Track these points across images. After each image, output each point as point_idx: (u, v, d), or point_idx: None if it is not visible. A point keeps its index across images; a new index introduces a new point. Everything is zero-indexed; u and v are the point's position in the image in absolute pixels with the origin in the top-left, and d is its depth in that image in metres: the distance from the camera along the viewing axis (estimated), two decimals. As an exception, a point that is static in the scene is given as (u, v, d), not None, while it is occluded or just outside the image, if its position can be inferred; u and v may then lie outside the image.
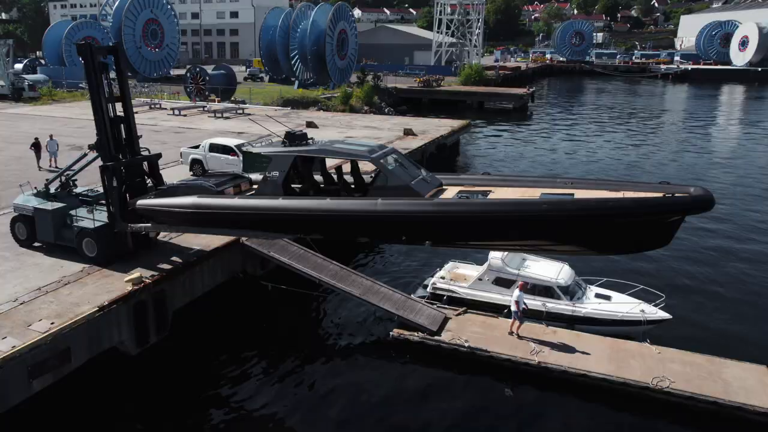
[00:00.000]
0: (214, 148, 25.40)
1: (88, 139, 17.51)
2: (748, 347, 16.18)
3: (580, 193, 11.49)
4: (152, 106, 48.56)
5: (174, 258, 16.28)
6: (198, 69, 53.63)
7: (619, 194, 11.18)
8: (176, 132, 37.91)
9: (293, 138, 13.97)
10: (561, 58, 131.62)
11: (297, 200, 13.21)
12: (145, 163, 16.13)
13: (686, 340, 16.30)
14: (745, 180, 36.50)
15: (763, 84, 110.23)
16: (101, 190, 17.35)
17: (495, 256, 17.79)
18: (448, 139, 38.43)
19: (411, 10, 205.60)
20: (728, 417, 13.37)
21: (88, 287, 14.56)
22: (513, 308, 15.80)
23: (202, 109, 46.65)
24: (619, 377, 14.31)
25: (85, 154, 16.68)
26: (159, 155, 16.74)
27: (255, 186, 15.65)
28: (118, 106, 15.84)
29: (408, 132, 37.32)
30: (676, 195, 10.55)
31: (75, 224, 15.70)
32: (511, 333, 15.92)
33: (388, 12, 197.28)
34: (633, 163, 41.39)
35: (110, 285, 14.66)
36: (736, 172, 38.90)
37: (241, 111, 45.87)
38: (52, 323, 12.72)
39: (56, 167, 25.77)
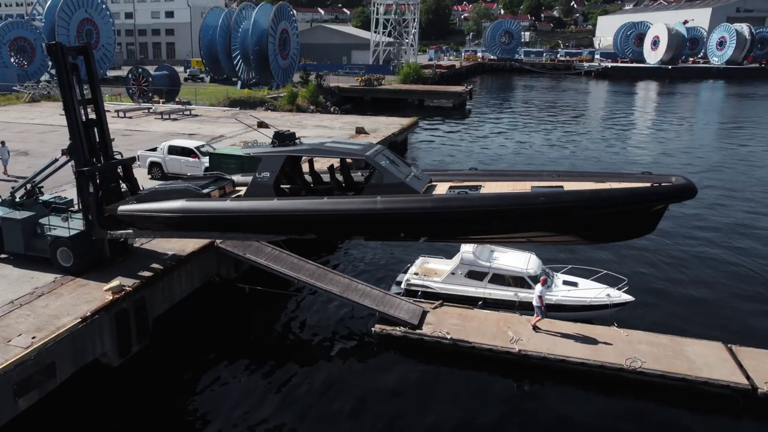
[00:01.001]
0: (174, 150, 24.45)
1: (30, 144, 16.46)
2: (704, 326, 17.11)
3: (569, 185, 11.76)
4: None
5: (150, 264, 15.58)
6: (140, 70, 51.44)
7: (605, 185, 11.51)
8: (124, 135, 36.22)
9: (282, 138, 13.56)
10: (492, 57, 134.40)
11: (293, 201, 12.86)
12: (119, 167, 15.33)
13: (649, 321, 17.09)
14: (675, 168, 38.54)
15: (674, 81, 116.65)
16: (69, 196, 16.45)
17: (467, 250, 17.99)
18: (398, 137, 38.57)
19: (345, 9, 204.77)
20: (696, 392, 14.04)
21: (64, 298, 13.72)
22: (536, 303, 15.78)
23: (147, 111, 44.79)
24: (595, 361, 14.78)
25: (56, 159, 15.68)
26: (133, 159, 15.96)
27: (238, 188, 15.13)
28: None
29: (360, 130, 37.19)
30: (663, 184, 10.97)
31: (48, 233, 14.72)
32: (536, 328, 15.88)
33: (322, 12, 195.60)
34: (574, 154, 42.92)
35: (88, 295, 13.87)
36: (664, 160, 41.03)
37: (188, 112, 44.38)
38: (33, 337, 11.93)
39: (8, 175, 24.15)
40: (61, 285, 14.41)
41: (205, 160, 24.18)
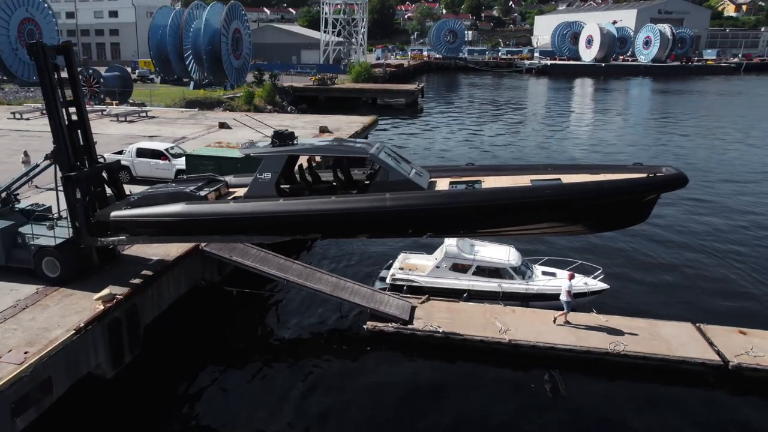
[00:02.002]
0: (143, 153, 23.43)
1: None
2: (673, 307, 17.79)
3: (566, 178, 11.91)
4: (44, 112, 43.59)
5: (136, 270, 14.83)
6: (91, 71, 49.07)
7: (600, 177, 11.72)
8: (80, 138, 34.42)
9: (282, 138, 13.06)
10: (437, 55, 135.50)
11: (300, 201, 12.43)
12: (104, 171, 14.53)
13: (623, 306, 17.63)
14: (618, 156, 39.93)
15: (608, 77, 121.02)
16: (47, 204, 15.51)
17: (450, 244, 18.05)
18: (361, 135, 38.29)
19: (291, 9, 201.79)
20: (674, 370, 14.60)
21: (51, 309, 12.89)
22: (565, 298, 15.80)
23: (101, 113, 42.78)
24: (582, 346, 15.12)
25: (37, 165, 14.70)
26: (119, 162, 15.15)
27: (232, 189, 14.56)
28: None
29: (323, 129, 36.75)
30: (658, 175, 11.27)
31: (31, 243, 13.78)
32: (567, 322, 15.93)
33: (268, 11, 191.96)
34: (527, 146, 43.84)
35: (75, 305, 13.08)
36: (607, 150, 42.50)
37: (144, 114, 42.68)
38: (26, 353, 11.15)
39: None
40: (45, 296, 13.53)
41: (177, 162, 23.38)
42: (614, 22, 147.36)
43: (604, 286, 17.65)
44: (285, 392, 13.86)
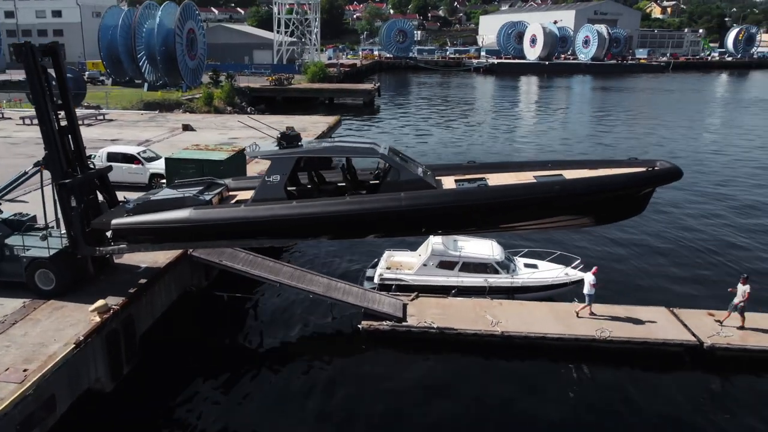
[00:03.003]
0: (114, 157, 22.39)
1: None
2: (647, 292, 18.46)
3: (567, 174, 12.11)
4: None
5: (126, 278, 14.22)
6: (41, 73, 46.46)
7: (599, 172, 11.98)
8: (37, 143, 32.56)
9: (289, 139, 12.67)
10: (388, 55, 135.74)
11: (315, 203, 12.12)
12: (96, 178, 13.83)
13: (601, 293, 18.06)
14: (569, 151, 41.15)
15: (551, 75, 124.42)
16: (31, 213, 14.67)
17: (437, 242, 18.10)
18: (327, 136, 37.92)
19: (239, 9, 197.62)
20: (655, 352, 15.16)
21: (43, 323, 12.19)
22: (588, 291, 15.99)
23: (55, 116, 40.62)
24: (570, 335, 15.48)
25: (25, 172, 13.81)
26: (110, 168, 14.44)
27: (233, 193, 14.06)
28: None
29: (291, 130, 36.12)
30: (657, 168, 11.61)
31: (22, 255, 12.95)
32: (593, 314, 16.13)
33: (216, 11, 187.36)
34: (486, 143, 44.53)
35: (69, 317, 12.41)
36: (554, 146, 43.72)
37: (101, 117, 40.91)
38: (25, 370, 10.49)
39: None
40: (33, 310, 12.77)
41: (151, 165, 22.55)
42: (555, 22, 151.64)
43: (583, 275, 18.08)
44: (285, 396, 13.58)
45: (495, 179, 12.44)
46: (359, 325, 15.87)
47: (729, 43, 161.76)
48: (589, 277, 16.17)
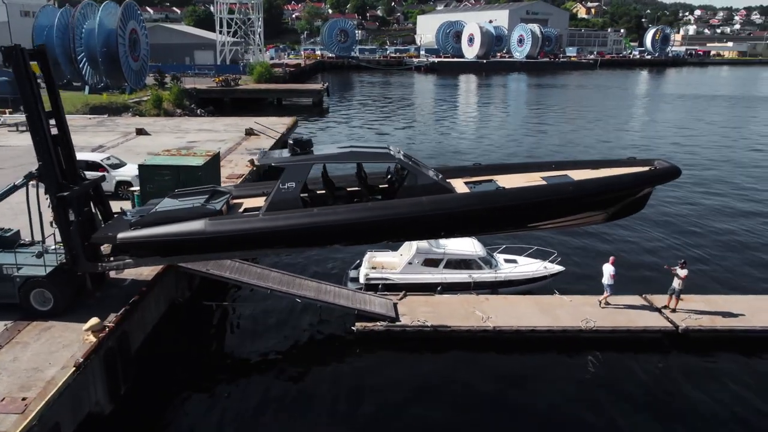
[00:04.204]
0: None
1: None
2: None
3: (572, 174, 12.27)
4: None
5: (113, 294, 13.38)
6: (-26, 77, 43.21)
7: (603, 171, 12.22)
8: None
9: (302, 145, 12.12)
10: (331, 55, 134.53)
11: (338, 210, 11.73)
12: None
13: (579, 285, 18.62)
14: (518, 147, 42.19)
15: (489, 73, 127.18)
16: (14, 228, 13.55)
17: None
18: (287, 137, 37.15)
19: (175, 9, 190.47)
20: (638, 339, 15.70)
21: (33, 346, 11.28)
22: (608, 281, 16.28)
23: (-6, 123, 37.90)
24: (558, 326, 15.79)
25: (13, 185, 12.64)
26: (103, 178, 13.47)
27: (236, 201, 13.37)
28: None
29: (249, 132, 35.24)
30: (658, 168, 11.94)
31: (16, 274, 11.85)
32: (608, 304, 16.46)
33: (151, 11, 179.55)
34: (438, 139, 44.95)
35: (60, 338, 11.55)
36: (496, 142, 44.76)
37: (45, 121, 38.28)
38: (24, 399, 9.66)
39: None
40: (18, 332, 11.78)
41: (117, 173, 21.36)
42: (490, 21, 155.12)
43: (560, 268, 18.54)
44: (285, 402, 13.14)
45: (504, 181, 12.47)
46: (353, 327, 15.58)
47: (647, 42, 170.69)
48: (608, 268, 16.47)
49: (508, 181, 12.42)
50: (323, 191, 12.84)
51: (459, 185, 12.52)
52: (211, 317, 15.84)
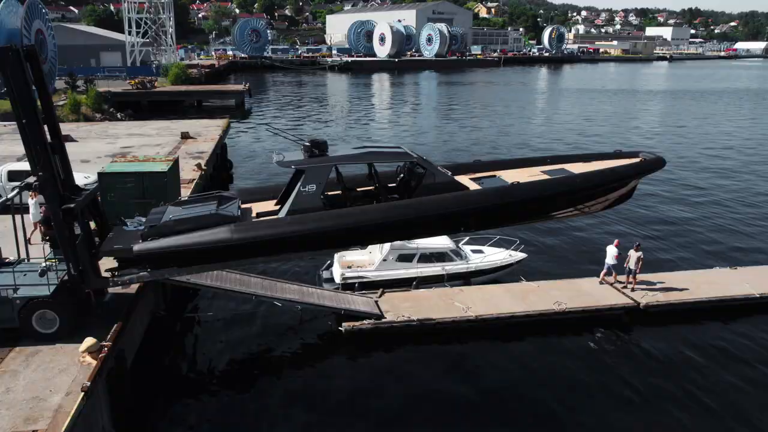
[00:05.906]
0: (17, 175, 19.02)
1: None
2: (577, 264, 20.23)
3: (568, 167, 12.84)
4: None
5: (99, 310, 12.39)
6: None
7: (594, 164, 12.89)
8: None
9: (320, 147, 11.73)
10: (243, 55, 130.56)
11: (366, 210, 11.56)
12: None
13: (541, 270, 19.55)
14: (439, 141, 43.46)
15: (401, 72, 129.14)
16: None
17: (394, 237, 18.12)
18: (223, 140, 35.83)
19: (72, 8, 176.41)
20: (606, 317, 16.71)
21: (25, 374, 10.29)
22: (611, 261, 17.10)
23: None
24: (534, 310, 16.50)
25: (7, 199, 11.23)
26: (98, 188, 12.31)
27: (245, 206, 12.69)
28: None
29: (185, 135, 33.61)
30: (647, 159, 12.77)
31: (14, 295, 10.60)
32: (604, 281, 17.36)
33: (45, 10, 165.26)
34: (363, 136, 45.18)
35: (53, 362, 10.62)
36: (412, 139, 45.98)
37: (-51, 130, 34.49)
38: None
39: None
40: (1, 360, 10.65)
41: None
42: (399, 21, 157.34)
43: (523, 255, 19.36)
44: (285, 408, 12.79)
45: (508, 176, 12.86)
46: (341, 327, 15.44)
47: (545, 40, 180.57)
48: (612, 250, 17.43)
49: (512, 176, 12.85)
50: (338, 192, 12.61)
51: (465, 181, 12.78)
52: (192, 328, 15.07)
